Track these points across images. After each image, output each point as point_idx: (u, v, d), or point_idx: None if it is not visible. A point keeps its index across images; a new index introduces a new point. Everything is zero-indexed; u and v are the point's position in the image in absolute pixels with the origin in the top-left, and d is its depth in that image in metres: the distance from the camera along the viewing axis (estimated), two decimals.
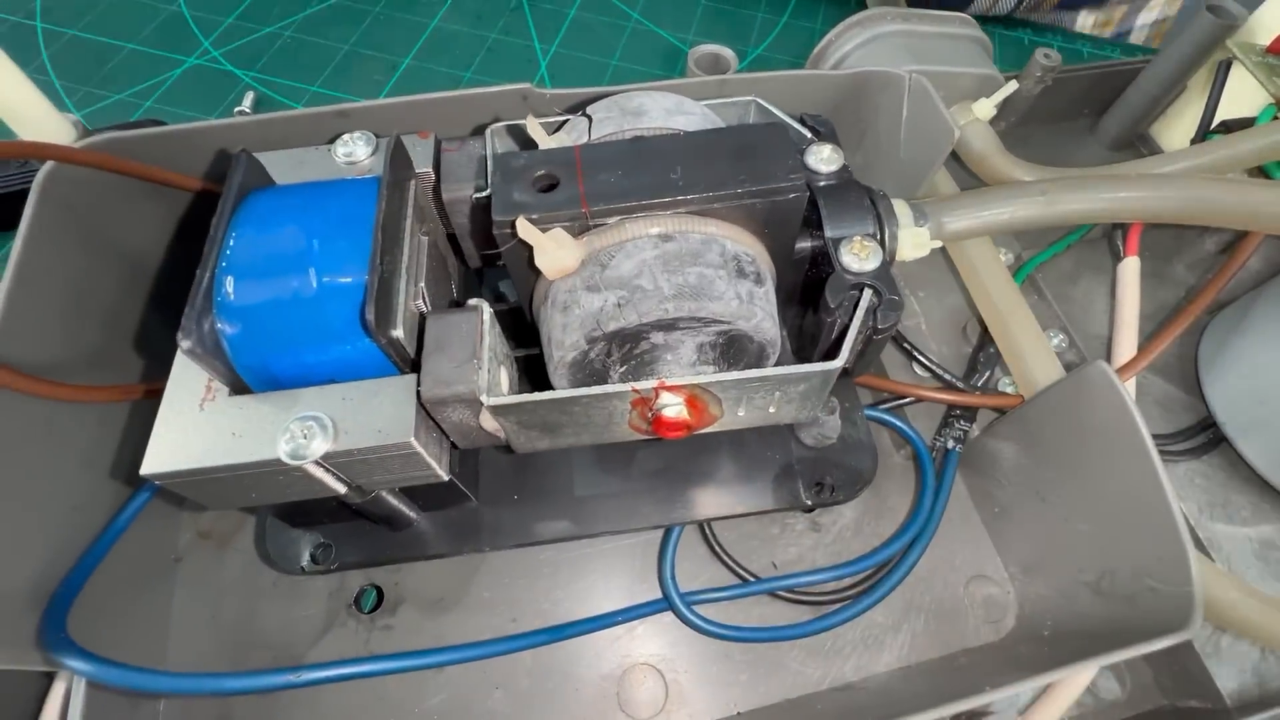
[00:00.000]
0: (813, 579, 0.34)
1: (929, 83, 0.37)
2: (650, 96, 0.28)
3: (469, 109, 0.34)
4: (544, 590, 0.35)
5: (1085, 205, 0.30)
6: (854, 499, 0.32)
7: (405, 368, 0.25)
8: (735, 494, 0.32)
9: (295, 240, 0.25)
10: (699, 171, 0.24)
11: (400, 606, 0.35)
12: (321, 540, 0.32)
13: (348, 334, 0.25)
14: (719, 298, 0.23)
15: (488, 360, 0.25)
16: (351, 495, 0.27)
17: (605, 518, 0.32)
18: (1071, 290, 0.44)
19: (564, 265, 0.24)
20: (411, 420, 0.24)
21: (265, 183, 0.29)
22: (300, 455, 0.23)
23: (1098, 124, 0.56)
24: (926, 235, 0.28)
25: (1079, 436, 0.31)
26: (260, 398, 0.25)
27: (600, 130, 0.27)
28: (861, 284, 0.26)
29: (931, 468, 0.36)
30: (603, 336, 0.23)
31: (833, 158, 0.29)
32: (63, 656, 0.24)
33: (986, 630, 0.36)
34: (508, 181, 0.25)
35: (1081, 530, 0.32)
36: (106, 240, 0.33)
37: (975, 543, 0.38)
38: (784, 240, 0.27)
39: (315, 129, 0.34)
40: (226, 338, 0.24)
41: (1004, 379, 0.40)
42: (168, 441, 0.24)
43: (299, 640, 0.34)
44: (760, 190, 0.24)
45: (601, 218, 0.24)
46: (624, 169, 0.24)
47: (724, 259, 0.24)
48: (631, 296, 0.23)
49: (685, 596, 0.33)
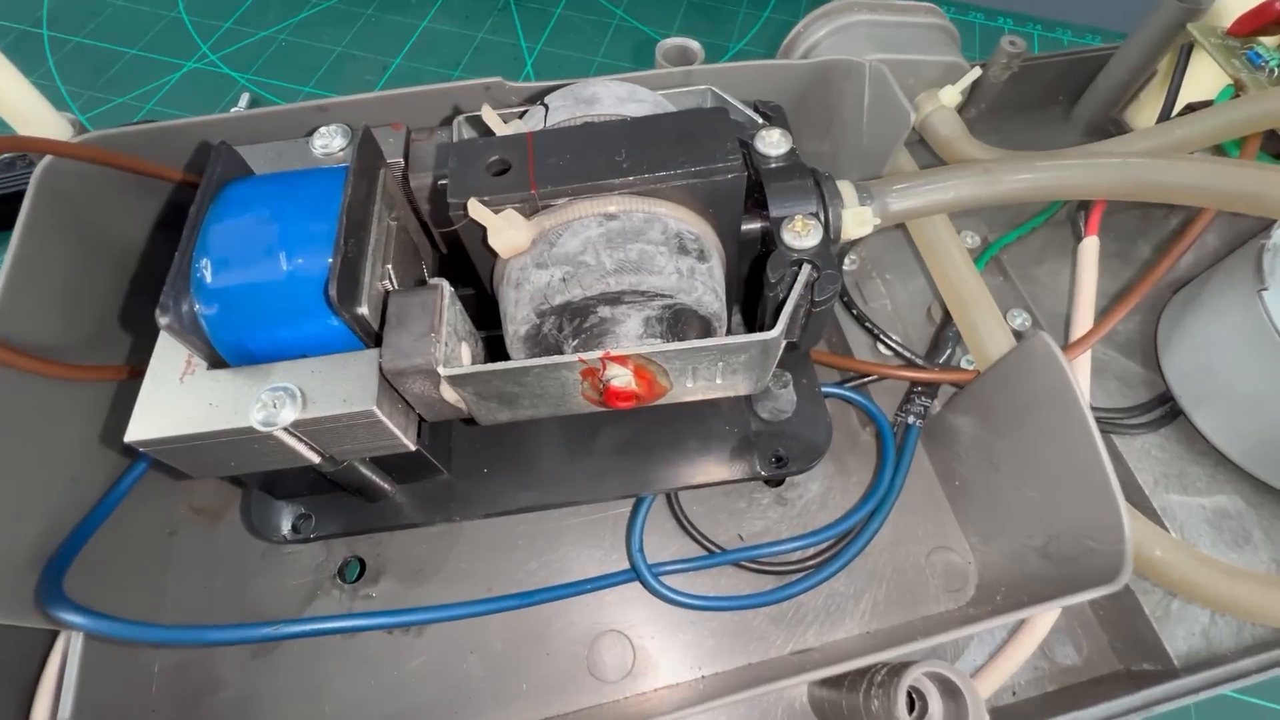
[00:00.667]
0: (776, 550, 0.35)
1: (887, 70, 0.39)
2: (604, 85, 0.30)
3: (440, 102, 0.36)
4: (519, 561, 0.37)
5: (1025, 182, 0.31)
6: (808, 470, 0.33)
7: (371, 343, 0.27)
8: (696, 466, 0.33)
9: (268, 225, 0.27)
10: (642, 154, 0.26)
11: (382, 577, 0.36)
12: (302, 511, 0.33)
13: (316, 311, 0.26)
14: (658, 272, 0.25)
15: (446, 335, 0.26)
16: (325, 465, 0.29)
17: (571, 489, 0.33)
18: (1036, 271, 0.45)
19: (516, 244, 0.26)
20: (374, 390, 0.25)
21: (244, 173, 0.31)
22: (271, 423, 0.25)
23: (1071, 110, 0.57)
24: (869, 213, 0.29)
25: (1025, 406, 0.32)
26: (236, 371, 0.26)
27: (555, 118, 0.29)
28: (801, 260, 0.27)
29: (892, 441, 0.37)
30: (551, 310, 0.25)
31: (780, 142, 0.30)
32: (59, 611, 0.26)
33: (947, 599, 0.37)
34: (463, 166, 0.26)
35: (1030, 497, 0.33)
36: (100, 230, 0.35)
37: (938, 515, 0.39)
38: (728, 220, 0.28)
39: (296, 123, 0.36)
40: (204, 317, 0.26)
41: (965, 357, 0.41)
42: (150, 411, 0.25)
43: (286, 608, 0.35)
44: (699, 171, 0.25)
45: (550, 199, 0.26)
46: (572, 152, 0.26)
47: (665, 236, 0.26)
48: (576, 271, 0.24)
49: (653, 568, 0.34)
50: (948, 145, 0.45)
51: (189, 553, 0.37)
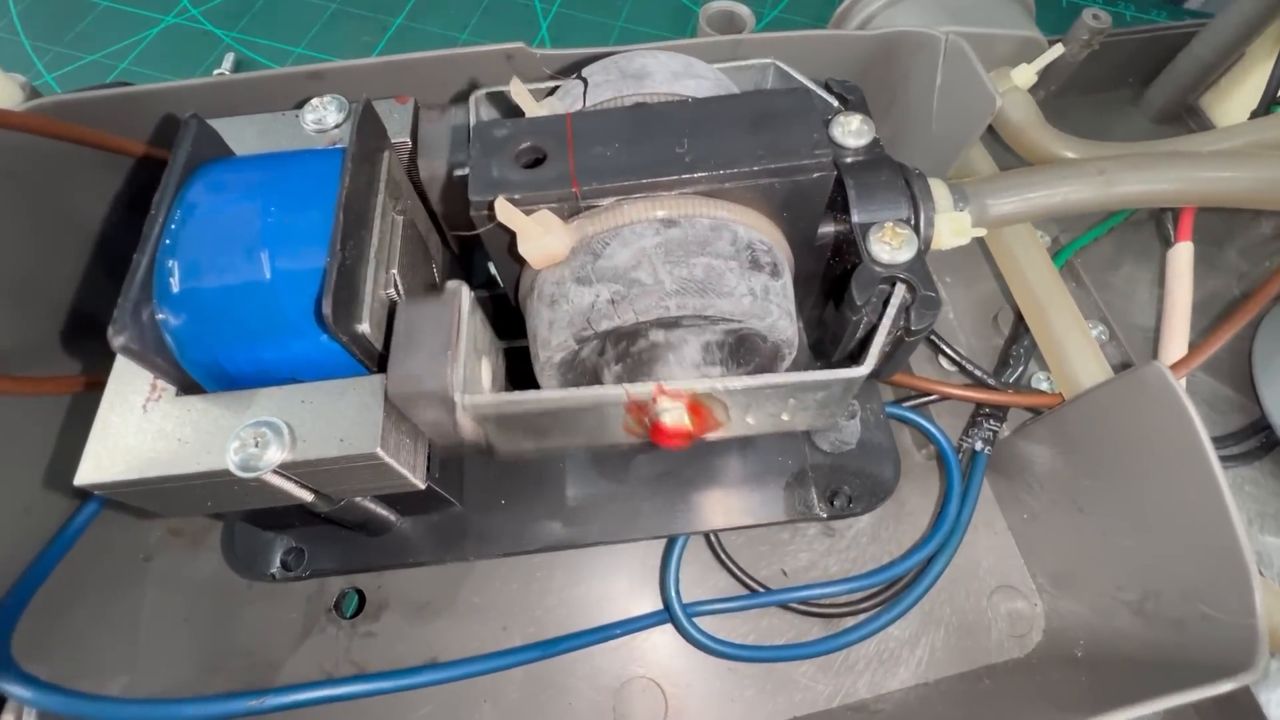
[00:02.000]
0: (827, 591, 0.31)
1: (967, 45, 0.33)
2: (654, 57, 0.25)
3: (452, 71, 0.31)
4: (536, 596, 0.33)
5: (1149, 187, 0.26)
6: (873, 510, 0.29)
7: (373, 366, 0.23)
8: (743, 503, 0.29)
9: (248, 219, 0.22)
10: (709, 145, 0.21)
11: (383, 611, 0.32)
12: (293, 545, 0.29)
13: (306, 328, 0.22)
14: (729, 294, 0.20)
15: (465, 353, 0.22)
16: (319, 503, 0.24)
17: (601, 526, 0.29)
18: (1112, 277, 0.40)
19: (551, 253, 0.21)
20: (378, 427, 0.21)
21: (220, 153, 0.26)
22: (251, 467, 0.20)
23: (1142, 94, 0.51)
24: (968, 221, 0.24)
25: (1128, 444, 0.28)
26: (211, 399, 0.22)
27: (596, 96, 0.24)
28: (893, 277, 0.22)
29: (958, 472, 0.33)
30: (594, 336, 0.21)
31: (862, 130, 0.25)
32: (3, 681, 0.22)
33: (1011, 644, 0.33)
34: (488, 155, 0.21)
35: (1124, 545, 0.29)
36: (57, 213, 0.30)
37: (1000, 550, 0.35)
38: (804, 225, 0.24)
39: (285, 92, 0.31)
40: (170, 330, 0.22)
41: (1038, 374, 0.36)
42: (106, 447, 0.21)
43: (276, 646, 0.32)
44: (780, 168, 0.21)
45: (594, 198, 0.21)
46: (622, 141, 0.21)
47: (736, 248, 0.21)
48: (628, 291, 0.20)
49: (688, 609, 0.31)
50: (1020, 134, 0.40)
51: (167, 581, 0.33)
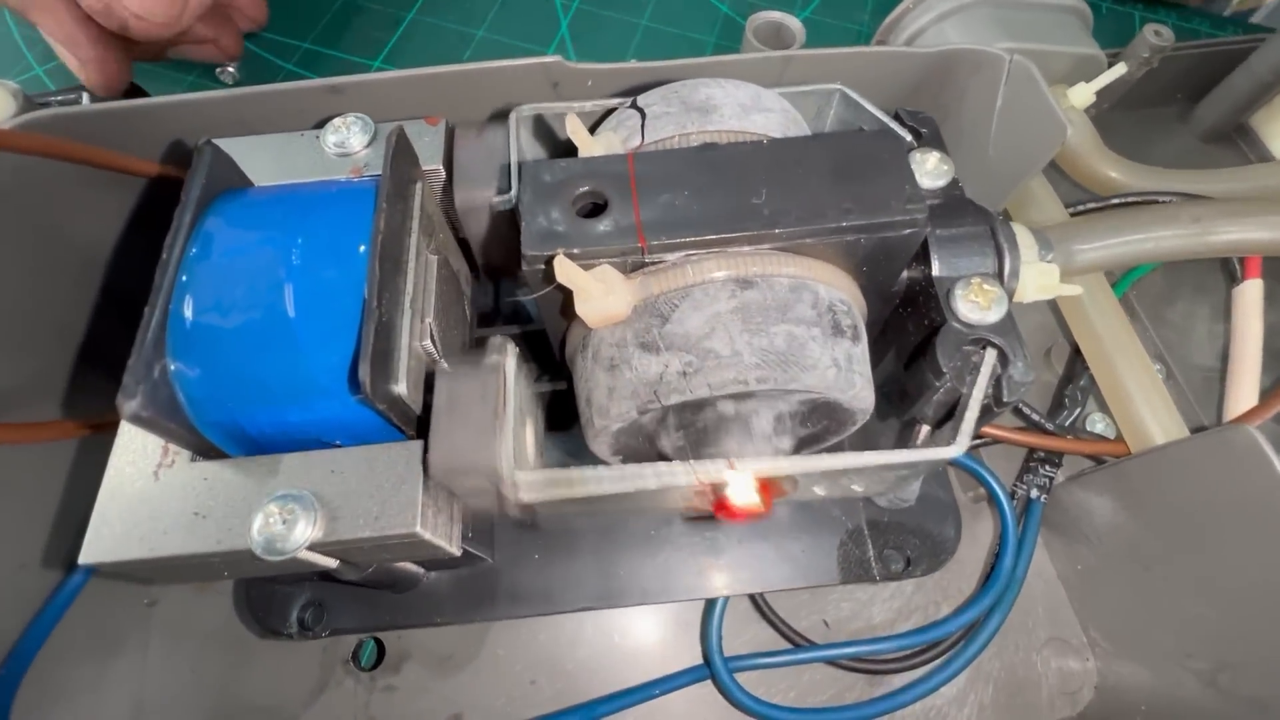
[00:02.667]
0: (876, 648, 0.29)
1: (1034, 67, 0.31)
2: (720, 87, 0.22)
3: (487, 88, 0.28)
4: (567, 649, 0.31)
5: (1247, 235, 0.24)
6: (934, 572, 0.27)
7: (408, 429, 0.20)
8: (794, 562, 0.27)
9: (272, 265, 0.20)
10: (790, 195, 0.19)
11: (404, 663, 0.30)
12: (311, 599, 0.27)
13: (336, 389, 0.20)
14: (813, 367, 0.18)
15: (512, 424, 0.20)
16: (345, 571, 0.22)
17: (641, 586, 0.27)
18: (1168, 311, 0.39)
19: (612, 314, 0.19)
20: (417, 505, 0.19)
21: (237, 181, 0.23)
22: (277, 550, 0.18)
23: (1191, 111, 0.49)
24: (1056, 275, 0.22)
25: (1208, 506, 0.26)
26: (230, 465, 0.20)
27: (657, 130, 0.22)
28: (983, 340, 0.20)
29: (1014, 522, 0.31)
30: (660, 410, 0.18)
31: (940, 169, 0.23)
32: None
33: (1062, 702, 0.32)
34: (540, 200, 0.19)
35: (1197, 611, 0.27)
36: (55, 238, 0.28)
37: (1050, 600, 0.33)
38: (883, 279, 0.22)
39: (301, 107, 0.28)
40: (185, 388, 0.19)
41: (1094, 415, 0.35)
42: (113, 522, 0.19)
43: (290, 701, 0.30)
44: (871, 225, 0.19)
45: (661, 253, 0.19)
46: (692, 188, 0.19)
47: (817, 311, 0.19)
48: (702, 363, 0.18)
49: (730, 662, 0.29)
50: (1074, 157, 0.38)
51: (172, 627, 0.31)
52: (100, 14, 0.31)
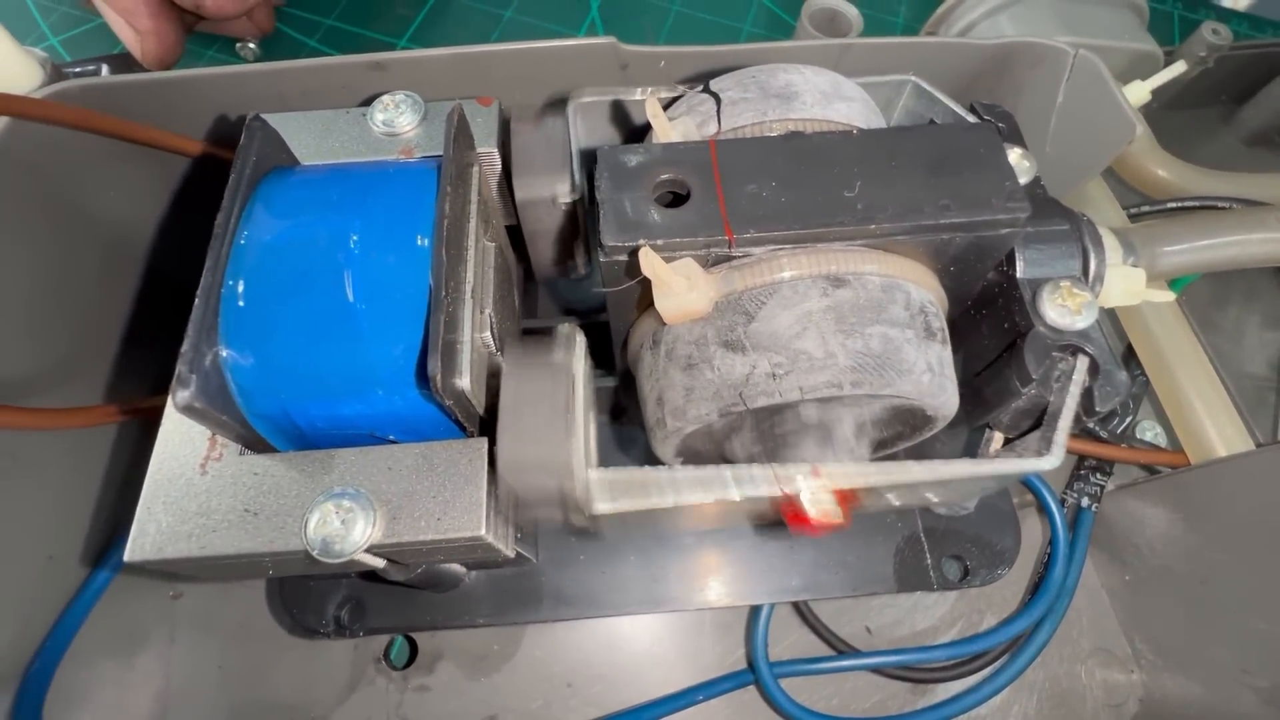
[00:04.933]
0: (922, 657, 0.29)
1: (1100, 62, 0.30)
2: (799, 73, 0.21)
3: (540, 68, 0.27)
4: (604, 651, 0.30)
5: None
6: (992, 583, 0.27)
7: (470, 426, 0.19)
8: (849, 569, 0.27)
9: (329, 249, 0.19)
10: (885, 190, 0.18)
11: (438, 663, 0.30)
12: (348, 596, 0.26)
13: (396, 382, 0.19)
14: (908, 371, 0.17)
15: (582, 413, 0.19)
16: (392, 572, 0.21)
17: (688, 590, 0.26)
18: (1218, 317, 0.38)
19: (693, 309, 0.18)
20: (482, 507, 0.18)
21: (284, 160, 0.22)
22: (335, 552, 0.17)
23: (1235, 113, 0.48)
24: (1142, 279, 0.21)
25: (1273, 522, 0.25)
26: (282, 460, 0.19)
27: (734, 117, 0.21)
28: (1072, 347, 0.19)
29: (1065, 532, 0.30)
30: (745, 412, 0.18)
31: (1023, 166, 0.22)
32: None
33: (1106, 715, 0.31)
34: (619, 189, 0.18)
35: (1258, 628, 0.26)
36: (84, 215, 0.27)
37: (1095, 611, 0.33)
38: (967, 280, 0.21)
39: (343, 83, 0.27)
40: (236, 377, 0.18)
41: (1144, 422, 0.34)
42: (159, 518, 0.18)
43: (320, 700, 0.29)
44: (970, 223, 0.18)
45: (748, 246, 0.18)
46: (779, 179, 0.18)
47: (910, 313, 0.18)
48: (793, 364, 0.17)
49: (775, 668, 0.28)
50: (1127, 158, 0.37)
51: (198, 622, 0.30)
52: None
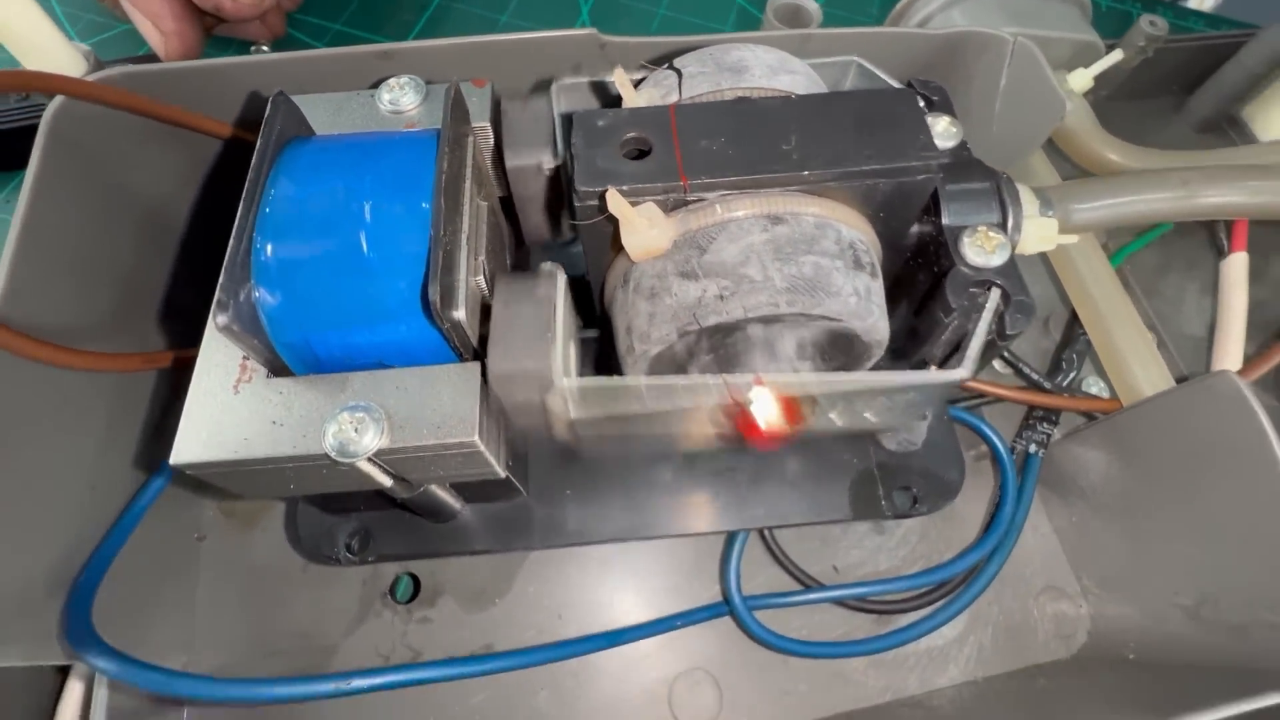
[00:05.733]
0: (884, 589, 0.31)
1: (1037, 48, 0.33)
2: (751, 51, 0.24)
3: (529, 56, 0.30)
4: (593, 585, 0.33)
5: (1233, 199, 0.26)
6: (939, 510, 0.29)
7: (465, 354, 0.22)
8: (809, 499, 0.29)
9: (345, 201, 0.22)
10: (817, 143, 0.21)
11: (439, 598, 0.32)
12: (358, 528, 0.29)
13: (403, 312, 0.22)
14: (836, 293, 0.20)
15: (563, 336, 0.22)
16: (398, 489, 0.24)
17: (666, 519, 0.29)
18: (1161, 284, 0.41)
19: (654, 246, 0.21)
20: (475, 416, 0.21)
21: (304, 132, 0.26)
22: (350, 453, 0.20)
23: (1185, 103, 0.52)
24: (1054, 227, 0.24)
25: (1193, 452, 0.28)
26: (304, 382, 0.22)
27: (693, 88, 0.24)
28: (987, 281, 0.22)
29: (1014, 474, 0.33)
30: (698, 331, 0.20)
31: (950, 131, 0.25)
32: (89, 654, 0.22)
33: (1057, 645, 0.34)
34: (591, 144, 0.21)
35: (1182, 551, 0.29)
36: (122, 188, 0.30)
37: (1046, 552, 0.35)
38: (897, 226, 0.24)
39: (354, 71, 0.30)
40: (266, 310, 0.21)
41: (1089, 378, 0.37)
42: (200, 428, 0.21)
43: (331, 630, 0.32)
44: (889, 169, 0.21)
45: (700, 192, 0.21)
46: (727, 135, 0.21)
47: (840, 247, 0.21)
48: (737, 287, 0.20)
49: (748, 601, 0.31)
50: (1074, 138, 0.40)
51: (221, 561, 0.33)
52: None
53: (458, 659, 0.26)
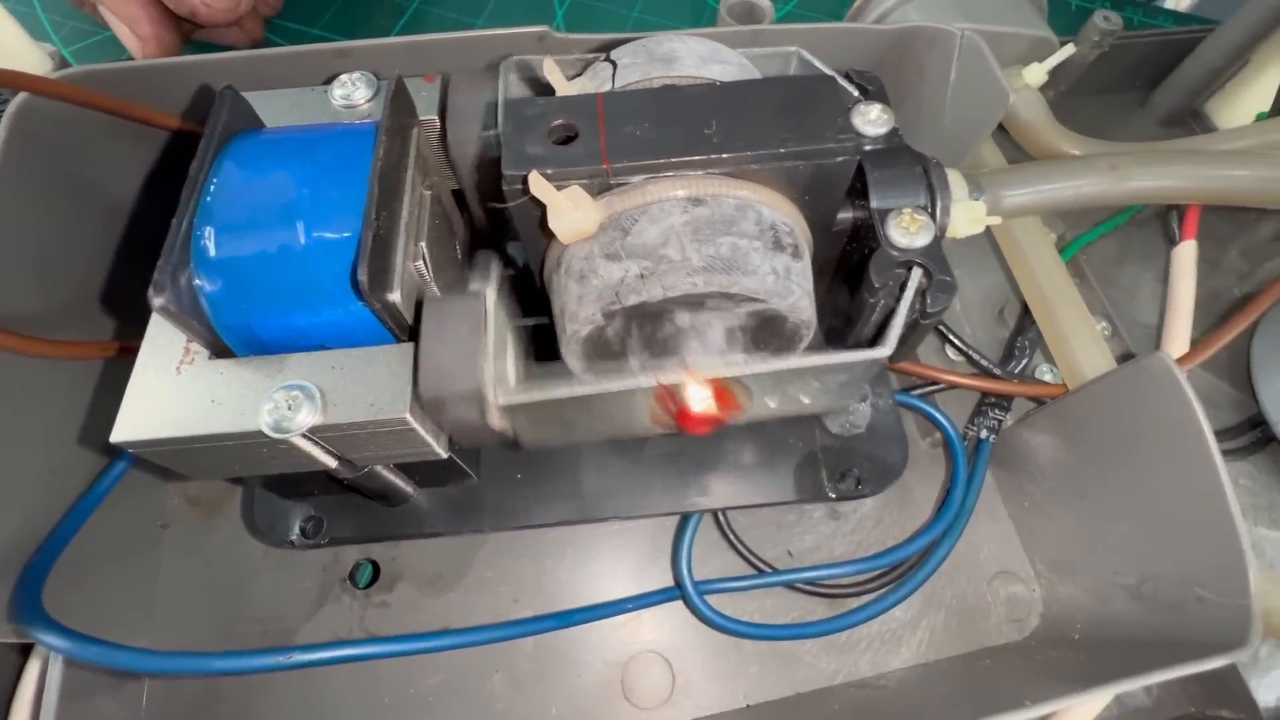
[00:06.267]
0: (835, 572, 0.32)
1: (983, 42, 0.34)
2: (682, 41, 0.25)
3: (480, 51, 0.31)
4: (548, 570, 0.33)
5: (1159, 183, 0.27)
6: (880, 493, 0.30)
7: (402, 335, 0.23)
8: (754, 482, 0.30)
9: (283, 189, 0.23)
10: (737, 127, 0.21)
11: (397, 583, 0.33)
12: (312, 513, 0.30)
13: (339, 295, 0.22)
14: (753, 272, 0.21)
15: (494, 347, 0.22)
16: (343, 470, 0.25)
17: (615, 503, 0.30)
18: (1116, 274, 0.41)
19: (581, 229, 0.22)
20: (407, 394, 0.22)
21: (253, 124, 0.26)
22: (284, 429, 0.21)
23: (1149, 97, 0.52)
24: (983, 210, 0.25)
25: (1130, 432, 0.28)
26: (243, 362, 0.22)
27: (626, 77, 0.24)
28: (910, 262, 0.23)
29: (964, 459, 0.34)
30: (621, 311, 0.21)
31: (882, 119, 0.26)
32: (38, 631, 0.23)
33: (1009, 629, 0.34)
34: (520, 131, 0.22)
35: (1123, 531, 0.30)
36: (84, 183, 0.31)
37: (1000, 537, 0.36)
38: (824, 209, 0.24)
39: (312, 69, 0.31)
40: (206, 294, 0.22)
41: (1042, 366, 0.37)
42: (140, 407, 0.22)
43: (290, 614, 0.32)
44: (805, 151, 0.21)
45: (624, 176, 0.22)
46: (652, 121, 0.22)
47: (760, 228, 0.22)
48: (656, 267, 0.20)
49: (699, 586, 0.31)
50: (1029, 131, 0.41)
51: (183, 548, 0.33)
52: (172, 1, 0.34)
53: (403, 635, 0.27)
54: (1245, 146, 0.38)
